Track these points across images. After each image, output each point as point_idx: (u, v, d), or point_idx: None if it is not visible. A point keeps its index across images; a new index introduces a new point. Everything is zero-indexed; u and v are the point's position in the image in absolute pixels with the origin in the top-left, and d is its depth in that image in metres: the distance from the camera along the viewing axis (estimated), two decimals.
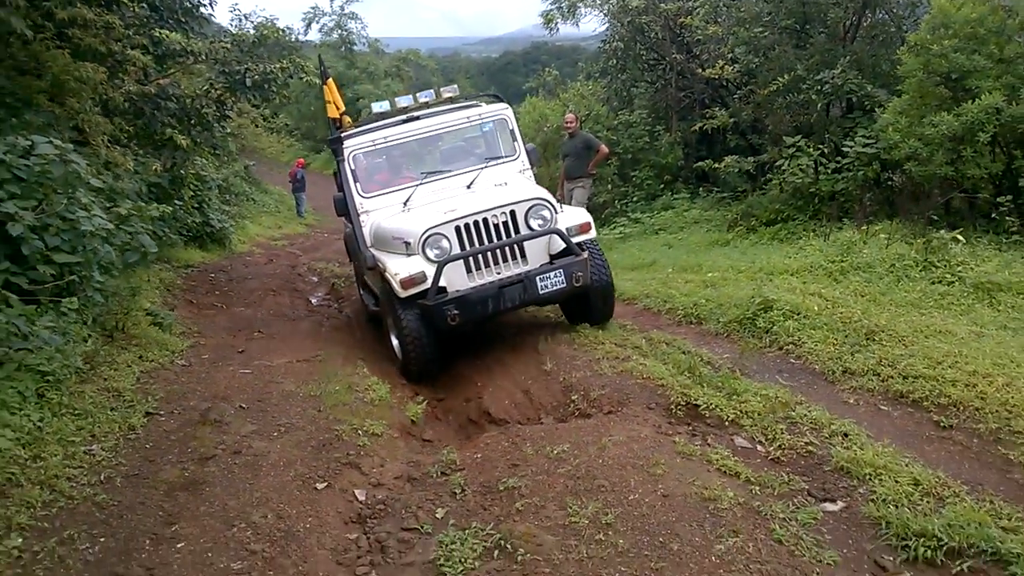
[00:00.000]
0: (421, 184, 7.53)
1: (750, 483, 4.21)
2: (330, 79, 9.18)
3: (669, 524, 3.79)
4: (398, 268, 6.41)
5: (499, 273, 6.60)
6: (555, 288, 6.45)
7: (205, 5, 12.47)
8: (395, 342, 7.00)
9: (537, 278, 6.43)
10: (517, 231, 6.63)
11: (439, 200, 7.22)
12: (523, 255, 6.66)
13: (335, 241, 17.77)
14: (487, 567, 3.70)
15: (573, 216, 6.98)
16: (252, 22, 24.67)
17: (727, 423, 5.03)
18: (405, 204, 7.39)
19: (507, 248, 6.64)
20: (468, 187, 7.48)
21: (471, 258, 6.54)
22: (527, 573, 3.57)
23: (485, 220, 6.56)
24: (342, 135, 7.77)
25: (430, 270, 6.36)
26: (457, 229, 6.53)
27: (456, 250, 6.51)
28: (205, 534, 4.01)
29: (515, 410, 5.96)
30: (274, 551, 3.88)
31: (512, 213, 6.62)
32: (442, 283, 6.41)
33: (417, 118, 8.02)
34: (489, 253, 6.58)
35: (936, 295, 7.07)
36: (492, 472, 4.71)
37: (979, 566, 3.38)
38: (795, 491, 4.15)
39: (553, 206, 6.73)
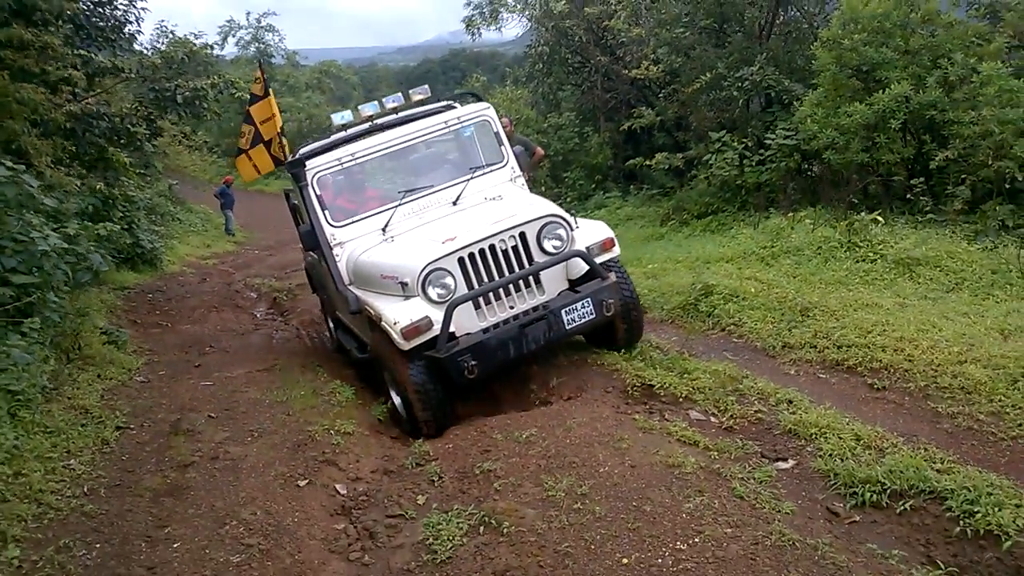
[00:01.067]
0: (400, 204, 6.44)
1: (708, 450, 4.54)
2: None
3: (640, 490, 4.09)
4: (396, 315, 5.33)
5: (512, 307, 5.64)
6: (583, 321, 5.53)
7: (131, 23, 12.40)
8: (396, 398, 5.95)
9: (563, 312, 5.47)
10: (529, 256, 5.67)
11: (424, 224, 6.28)
12: (538, 283, 5.73)
13: (266, 257, 17.71)
14: (475, 542, 3.93)
15: (592, 232, 6.03)
16: (169, 37, 24.38)
17: (681, 399, 5.36)
18: (384, 231, 6.31)
19: (523, 278, 5.69)
20: (454, 203, 6.46)
21: (484, 295, 5.57)
22: (514, 543, 3.81)
23: (492, 247, 5.56)
24: (302, 157, 6.58)
25: (436, 314, 5.34)
26: (461, 261, 5.51)
27: (462, 285, 5.52)
28: (199, 533, 4.15)
29: (474, 405, 6.19)
30: (268, 544, 4.05)
31: (522, 236, 5.64)
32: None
33: (385, 128, 6.93)
34: (503, 287, 5.62)
35: (861, 272, 7.59)
36: (465, 459, 4.94)
37: (920, 504, 3.76)
38: (750, 454, 4.50)
39: (568, 222, 5.79)
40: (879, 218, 8.43)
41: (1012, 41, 9.63)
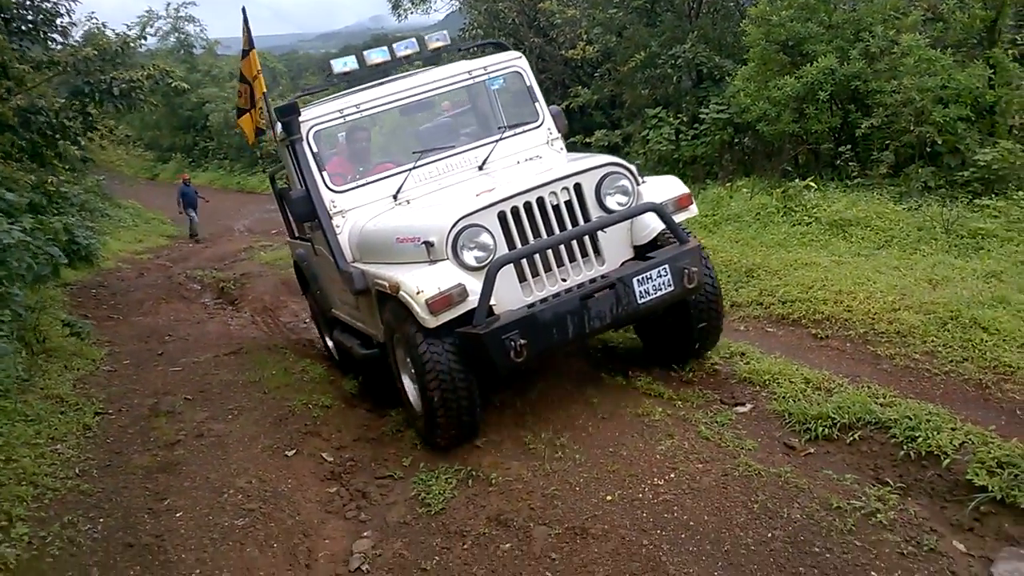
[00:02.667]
0: (415, 167, 5.38)
1: (673, 400, 4.88)
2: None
3: (614, 438, 4.42)
4: (420, 283, 4.22)
5: (564, 280, 4.60)
6: (660, 294, 4.41)
7: (62, 15, 12.17)
8: (411, 391, 4.84)
9: (634, 280, 4.37)
10: (586, 215, 4.63)
11: (444, 188, 5.32)
12: (597, 251, 4.70)
13: (202, 250, 17.59)
14: (465, 493, 4.21)
15: (664, 187, 5.00)
16: (99, 30, 23.75)
17: (641, 358, 5.71)
18: (396, 197, 5.31)
19: (578, 241, 4.64)
20: (480, 168, 5.48)
21: (529, 259, 4.49)
22: (503, 491, 4.11)
23: (540, 201, 4.52)
24: (297, 105, 5.37)
25: (473, 281, 4.27)
26: (502, 217, 4.45)
27: (502, 247, 4.44)
28: (199, 503, 4.34)
29: None
30: (268, 508, 4.27)
31: (578, 189, 4.61)
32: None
33: (397, 78, 5.93)
34: (553, 250, 4.58)
35: (798, 235, 8.06)
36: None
37: (867, 434, 4.16)
38: (710, 401, 4.86)
39: (634, 174, 4.80)
40: (812, 184, 8.92)
41: (927, 14, 10.22)
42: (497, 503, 4.03)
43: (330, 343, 6.94)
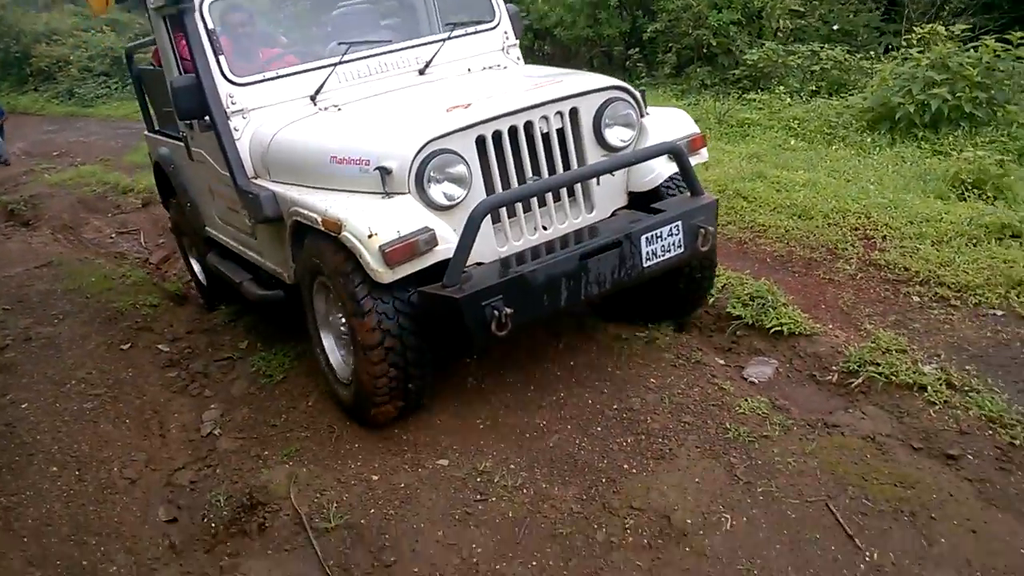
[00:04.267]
0: (340, 63, 4.28)
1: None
2: None
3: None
4: (373, 223, 3.22)
5: (545, 228, 3.73)
6: (666, 256, 3.59)
7: None
8: (335, 354, 3.97)
9: (643, 239, 3.50)
10: (580, 149, 3.75)
11: (379, 95, 4.26)
12: (586, 195, 3.84)
13: None
14: (305, 365, 4.58)
15: (672, 123, 4.02)
16: None
17: None
18: (315, 100, 4.22)
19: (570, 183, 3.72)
20: (421, 72, 4.48)
21: (513, 204, 3.58)
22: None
23: (528, 127, 3.57)
24: None
25: (444, 226, 3.35)
26: (480, 144, 3.49)
27: (478, 183, 3.50)
28: (43, 395, 4.47)
29: None
30: (114, 392, 4.49)
31: (574, 114, 3.70)
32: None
33: None
34: (538, 196, 3.67)
35: None
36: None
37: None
38: None
39: (639, 102, 3.89)
40: None
41: None
42: None
43: (197, 267, 5.95)
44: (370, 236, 3.17)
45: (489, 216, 3.40)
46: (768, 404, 3.64)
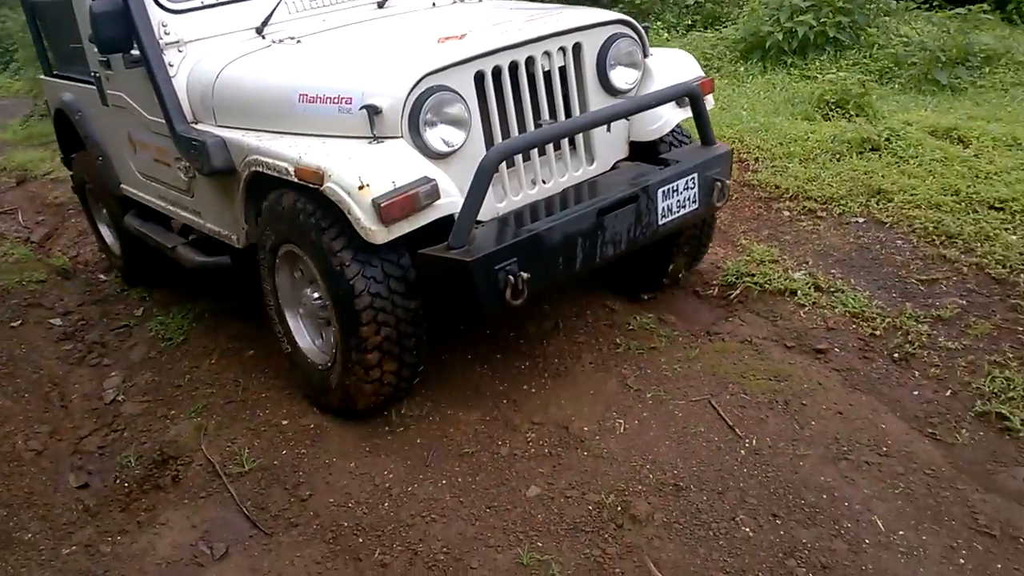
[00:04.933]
0: None
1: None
2: None
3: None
4: (364, 172, 2.75)
5: (545, 182, 3.34)
6: (681, 213, 3.30)
7: None
8: (305, 336, 3.51)
9: (659, 193, 3.19)
10: (581, 88, 3.39)
11: (337, 28, 3.81)
12: (587, 145, 3.47)
13: None
14: (204, 325, 4.60)
15: (678, 64, 3.67)
16: None
17: None
18: (262, 32, 3.71)
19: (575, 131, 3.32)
20: (380, 7, 4.02)
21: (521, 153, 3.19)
22: (241, 317, 4.54)
23: (530, 63, 3.18)
24: None
25: (446, 176, 2.90)
26: (479, 80, 3.08)
27: (478, 125, 3.10)
28: None
29: None
30: (9, 368, 4.37)
31: (577, 50, 3.33)
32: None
33: None
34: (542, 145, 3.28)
35: None
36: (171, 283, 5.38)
37: None
38: None
39: (644, 41, 3.54)
40: None
41: None
42: (235, 327, 4.46)
43: (108, 234, 5.45)
44: (361, 188, 2.70)
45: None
46: (655, 320, 3.88)
